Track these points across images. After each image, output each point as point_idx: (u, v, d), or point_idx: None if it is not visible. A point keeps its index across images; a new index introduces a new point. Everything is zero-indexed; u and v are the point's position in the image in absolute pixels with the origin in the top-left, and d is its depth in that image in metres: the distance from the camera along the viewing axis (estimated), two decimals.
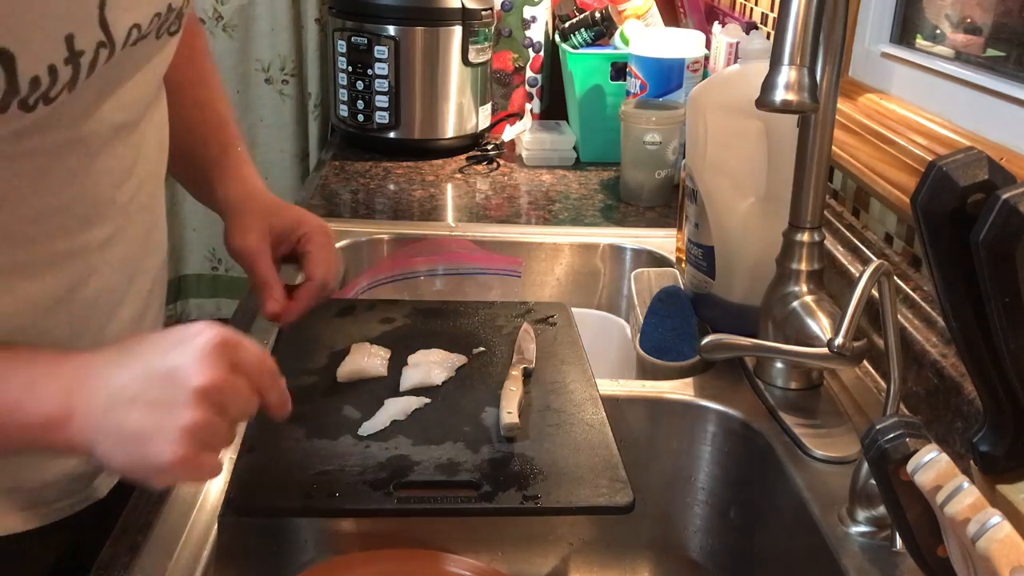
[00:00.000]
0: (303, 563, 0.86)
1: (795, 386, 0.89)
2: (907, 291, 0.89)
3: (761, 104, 0.67)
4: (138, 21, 0.65)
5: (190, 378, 0.57)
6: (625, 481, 0.72)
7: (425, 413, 0.80)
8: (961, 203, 0.52)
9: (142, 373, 0.59)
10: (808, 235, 0.86)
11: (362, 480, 0.71)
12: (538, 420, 0.80)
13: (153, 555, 0.68)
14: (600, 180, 1.60)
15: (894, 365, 0.71)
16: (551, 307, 1.01)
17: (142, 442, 0.57)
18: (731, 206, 0.99)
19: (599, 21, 1.70)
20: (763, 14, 1.48)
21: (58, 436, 0.59)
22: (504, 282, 1.17)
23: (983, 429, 0.60)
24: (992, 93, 0.90)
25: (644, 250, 1.29)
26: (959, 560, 0.51)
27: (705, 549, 0.93)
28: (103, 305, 0.72)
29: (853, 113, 1.09)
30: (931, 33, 1.09)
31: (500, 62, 1.88)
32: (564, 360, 0.90)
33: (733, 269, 1.00)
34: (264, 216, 0.88)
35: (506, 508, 0.71)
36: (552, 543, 0.93)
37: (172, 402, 0.57)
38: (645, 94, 1.54)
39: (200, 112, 0.94)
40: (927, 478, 0.49)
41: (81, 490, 0.77)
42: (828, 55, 0.81)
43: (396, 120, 1.68)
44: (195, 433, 0.57)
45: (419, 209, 1.43)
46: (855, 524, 0.71)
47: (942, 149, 0.90)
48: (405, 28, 1.63)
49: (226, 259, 2.21)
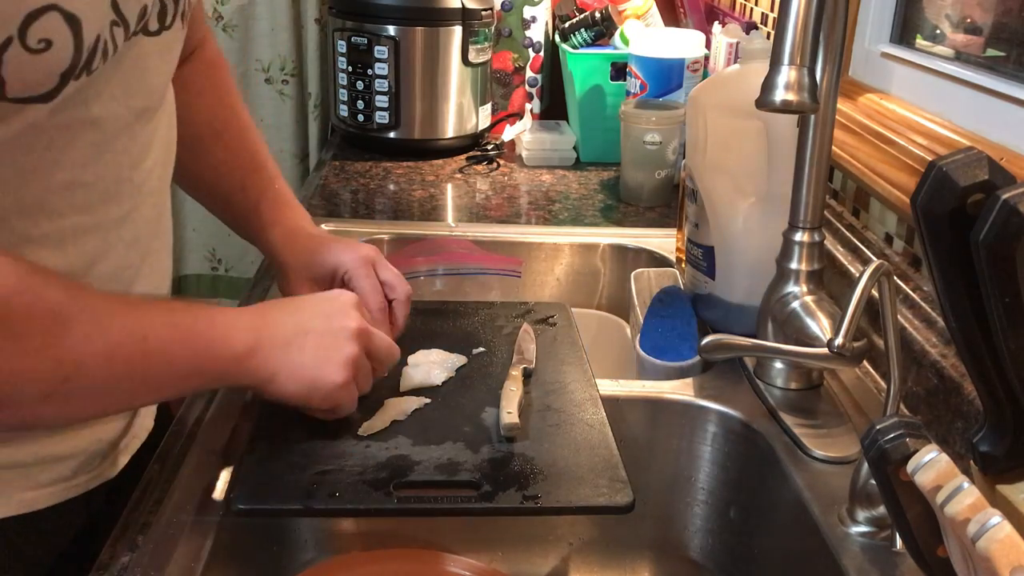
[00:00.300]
0: (303, 563, 0.86)
1: (795, 386, 0.89)
2: (907, 291, 0.89)
3: (761, 104, 0.67)
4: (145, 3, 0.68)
5: (348, 320, 0.74)
6: (625, 481, 0.72)
7: (425, 413, 0.80)
8: (961, 203, 0.52)
9: (310, 317, 0.74)
10: (808, 235, 0.86)
11: (362, 480, 0.71)
12: (538, 420, 0.80)
13: (153, 555, 0.68)
14: (600, 180, 1.60)
15: (894, 365, 0.71)
16: (551, 307, 1.01)
17: (318, 368, 0.72)
18: (731, 206, 0.99)
19: (599, 21, 1.70)
20: (763, 14, 1.48)
21: (246, 367, 0.70)
22: (504, 282, 1.17)
23: (983, 429, 0.60)
24: (992, 93, 0.90)
25: (644, 250, 1.29)
26: (959, 560, 0.51)
27: (705, 549, 0.93)
28: (119, 282, 0.74)
29: (853, 113, 1.09)
30: (931, 33, 1.09)
31: (500, 62, 1.88)
32: (564, 360, 0.90)
33: (733, 269, 1.00)
34: (306, 267, 0.91)
35: (506, 508, 0.71)
36: (552, 543, 0.93)
37: (337, 337, 0.73)
38: (645, 94, 1.54)
39: (235, 156, 0.95)
40: (927, 478, 0.49)
41: (97, 466, 0.78)
42: (828, 55, 0.81)
43: (396, 120, 1.68)
44: (355, 363, 0.74)
45: (419, 209, 1.43)
46: (855, 524, 0.71)
47: (942, 149, 0.90)
48: (405, 28, 1.63)
49: (226, 259, 2.21)
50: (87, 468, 0.77)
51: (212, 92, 0.96)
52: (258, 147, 0.97)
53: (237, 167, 0.95)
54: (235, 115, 0.97)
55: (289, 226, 0.94)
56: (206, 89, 0.95)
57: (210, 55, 0.97)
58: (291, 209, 0.96)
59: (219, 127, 0.95)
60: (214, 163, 0.94)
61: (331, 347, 0.73)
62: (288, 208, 0.95)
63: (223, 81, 0.98)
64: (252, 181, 0.95)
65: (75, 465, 0.76)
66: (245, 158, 0.96)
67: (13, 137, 0.62)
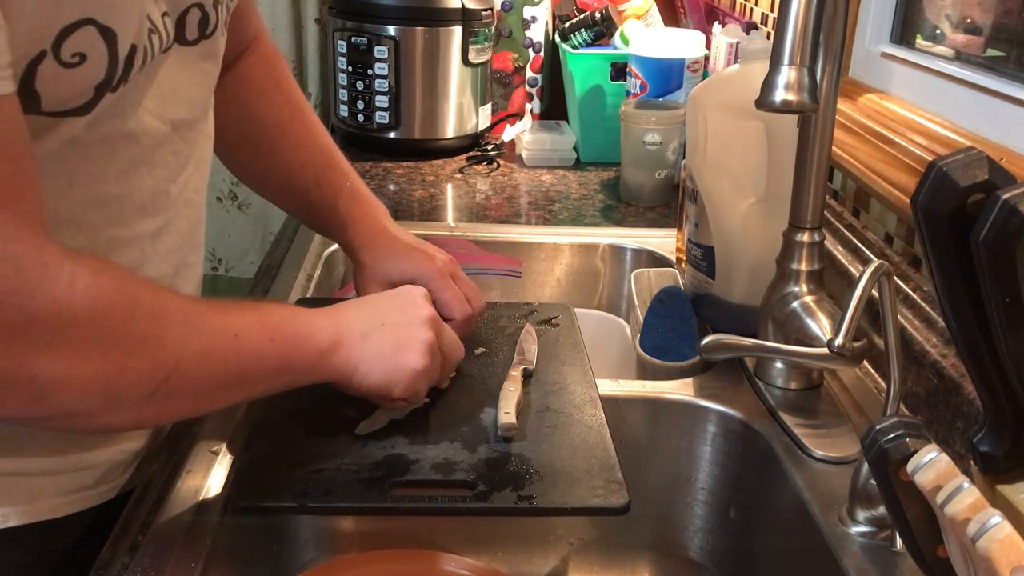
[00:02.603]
0: (303, 563, 0.86)
1: (795, 386, 0.89)
2: (907, 291, 0.89)
3: (761, 104, 0.67)
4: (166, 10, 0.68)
5: (420, 309, 0.77)
6: (621, 482, 0.71)
7: (424, 413, 0.80)
8: (961, 203, 0.52)
9: (385, 310, 0.76)
10: (808, 235, 0.86)
11: (358, 479, 0.71)
12: (536, 421, 0.79)
13: (153, 555, 0.68)
14: (600, 180, 1.60)
15: (894, 365, 0.71)
16: (554, 308, 1.01)
17: (397, 354, 0.74)
18: (731, 206, 0.99)
19: (599, 21, 1.70)
20: (763, 14, 1.48)
21: (330, 362, 0.72)
22: (504, 282, 1.17)
23: (983, 429, 0.59)
24: (992, 93, 0.90)
25: (644, 250, 1.29)
26: (959, 560, 0.51)
27: (705, 549, 0.93)
28: None
29: (853, 113, 1.09)
30: (931, 33, 1.09)
31: (500, 62, 1.88)
32: (565, 361, 0.90)
33: (733, 269, 1.00)
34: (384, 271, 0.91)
35: (500, 508, 0.71)
36: (552, 543, 0.93)
37: (412, 325, 0.75)
38: (645, 94, 1.54)
39: (305, 153, 0.94)
40: (927, 478, 0.49)
41: (118, 476, 0.78)
42: (828, 55, 0.81)
43: (396, 120, 1.68)
44: (432, 349, 0.75)
45: (419, 209, 1.43)
46: (855, 524, 0.71)
47: (942, 149, 0.90)
48: (405, 28, 1.63)
49: (226, 259, 2.21)
50: (108, 478, 0.77)
51: (274, 89, 0.95)
52: (327, 142, 0.96)
53: (309, 164, 0.94)
54: (300, 111, 0.96)
55: (369, 226, 0.92)
56: (267, 87, 0.94)
57: (266, 50, 0.96)
58: (370, 206, 0.94)
59: (285, 125, 0.94)
60: (284, 162, 0.94)
61: (408, 335, 0.74)
62: (367, 205, 0.94)
63: (283, 77, 0.97)
64: (327, 178, 0.94)
65: (97, 475, 0.76)
66: (316, 154, 0.94)
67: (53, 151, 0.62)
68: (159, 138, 0.71)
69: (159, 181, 0.72)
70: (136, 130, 0.68)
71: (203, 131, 0.79)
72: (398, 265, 0.90)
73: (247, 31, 0.93)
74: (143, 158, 0.70)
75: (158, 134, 0.71)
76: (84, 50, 0.59)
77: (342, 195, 0.93)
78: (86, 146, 0.65)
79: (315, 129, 0.96)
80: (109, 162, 0.67)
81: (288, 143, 0.94)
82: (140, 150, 0.69)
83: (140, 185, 0.70)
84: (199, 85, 0.76)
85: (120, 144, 0.67)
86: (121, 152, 0.68)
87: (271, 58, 0.96)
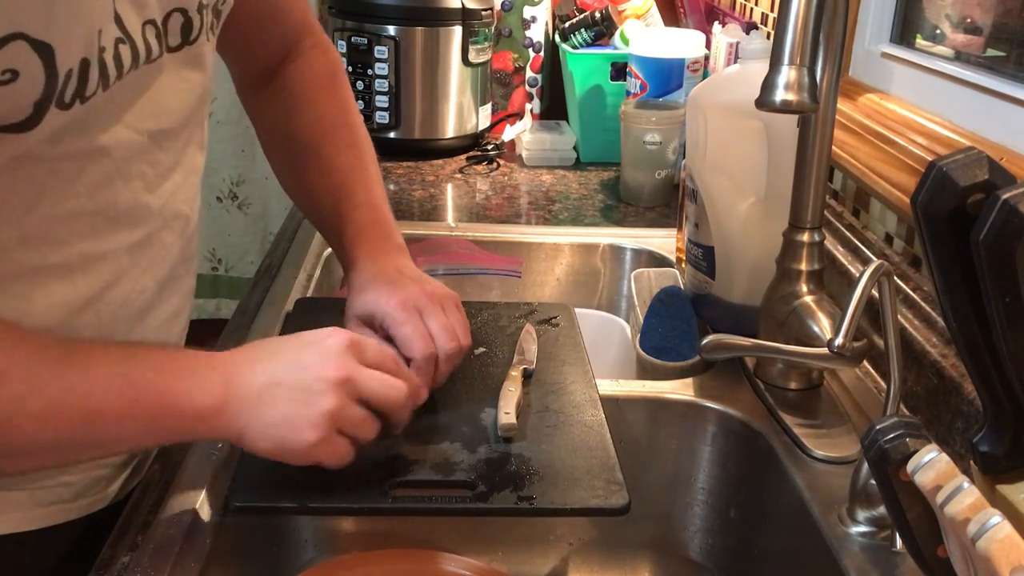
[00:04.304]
0: (303, 563, 0.86)
1: (795, 386, 0.89)
2: (907, 291, 0.89)
3: (761, 104, 0.67)
4: (152, 17, 0.65)
5: (327, 371, 0.65)
6: (621, 483, 0.71)
7: (424, 413, 0.80)
8: (961, 203, 0.52)
9: (284, 368, 0.66)
10: (808, 235, 0.86)
11: (358, 479, 0.71)
12: (536, 421, 0.79)
13: (153, 555, 0.68)
14: (600, 180, 1.60)
15: (894, 365, 0.71)
16: (555, 308, 1.01)
17: (287, 426, 0.65)
18: (731, 206, 0.99)
19: (599, 21, 1.70)
20: (763, 14, 1.48)
21: (213, 424, 0.65)
22: (504, 282, 1.17)
23: (983, 429, 0.59)
24: (992, 93, 0.90)
25: (644, 250, 1.29)
26: (959, 560, 0.51)
27: (705, 549, 0.93)
28: (132, 308, 0.72)
29: (853, 113, 1.09)
30: (931, 33, 1.09)
31: (500, 62, 1.88)
32: (565, 361, 0.90)
33: (733, 269, 1.00)
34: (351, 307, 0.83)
35: (500, 508, 0.71)
36: (552, 543, 0.93)
37: (313, 391, 0.65)
38: (645, 94, 1.54)
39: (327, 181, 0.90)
40: (927, 478, 0.49)
41: (100, 491, 0.78)
42: (828, 55, 0.81)
43: (396, 120, 1.68)
44: (332, 418, 0.65)
45: (419, 209, 1.43)
46: (855, 524, 0.71)
47: (942, 149, 0.90)
48: (405, 28, 1.63)
49: (226, 259, 2.21)
50: (88, 493, 0.76)
51: (311, 104, 0.91)
52: (348, 168, 0.90)
53: (327, 195, 0.90)
54: (332, 127, 0.91)
55: (361, 266, 0.85)
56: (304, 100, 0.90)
57: (316, 63, 0.92)
58: (366, 243, 0.87)
59: (315, 145, 0.90)
60: (308, 186, 0.91)
61: (302, 402, 0.65)
62: (363, 242, 0.87)
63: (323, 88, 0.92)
64: (340, 210, 0.89)
65: (74, 491, 0.75)
66: (335, 181, 0.90)
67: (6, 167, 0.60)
68: (135, 149, 0.68)
69: (136, 193, 0.69)
70: (108, 143, 0.65)
71: (191, 140, 0.75)
72: (360, 298, 0.82)
73: (284, 35, 0.90)
74: (117, 171, 0.67)
75: (134, 145, 0.68)
76: (16, 66, 0.55)
77: (346, 233, 0.88)
78: (51, 161, 0.62)
79: (340, 158, 0.91)
80: (79, 176, 0.64)
81: (312, 167, 0.90)
82: (114, 163, 0.66)
83: (115, 199, 0.67)
84: (182, 93, 0.72)
85: (90, 158, 0.65)
86: (91, 166, 0.65)
87: (315, 66, 0.92)
